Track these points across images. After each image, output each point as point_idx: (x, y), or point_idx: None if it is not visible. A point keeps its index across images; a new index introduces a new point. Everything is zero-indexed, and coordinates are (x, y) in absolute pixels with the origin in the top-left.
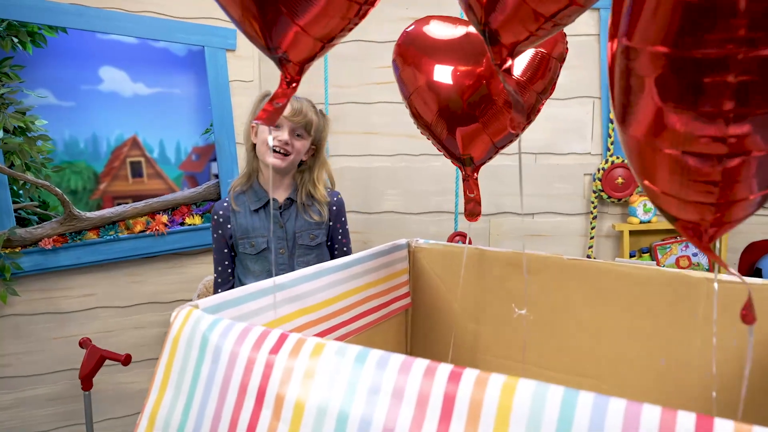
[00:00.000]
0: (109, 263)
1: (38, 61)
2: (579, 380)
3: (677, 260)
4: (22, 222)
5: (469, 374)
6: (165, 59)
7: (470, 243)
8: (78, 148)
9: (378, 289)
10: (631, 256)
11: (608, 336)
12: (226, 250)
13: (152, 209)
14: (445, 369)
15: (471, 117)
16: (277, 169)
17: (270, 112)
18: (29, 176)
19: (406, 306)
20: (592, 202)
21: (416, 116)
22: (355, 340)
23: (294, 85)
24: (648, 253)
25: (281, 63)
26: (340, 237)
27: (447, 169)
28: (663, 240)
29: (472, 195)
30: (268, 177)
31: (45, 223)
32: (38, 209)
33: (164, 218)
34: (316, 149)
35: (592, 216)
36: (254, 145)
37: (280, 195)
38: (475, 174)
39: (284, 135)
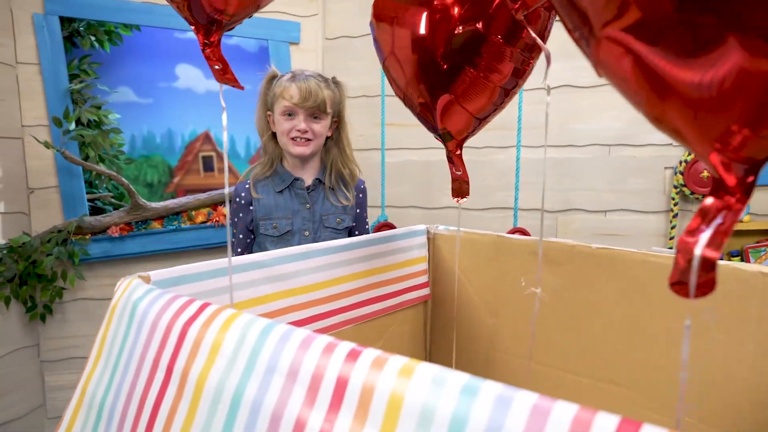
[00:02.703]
0: (171, 252)
1: (117, 59)
2: (608, 387)
3: None
4: (98, 211)
5: (368, 354)
6: (237, 55)
7: None
8: (155, 142)
9: (388, 276)
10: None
11: (642, 338)
12: (242, 236)
13: (214, 201)
14: (344, 347)
15: (443, 85)
16: (304, 157)
17: (219, 74)
18: (101, 167)
19: (424, 297)
20: (673, 199)
21: (392, 84)
22: (357, 329)
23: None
24: (738, 257)
25: (219, 24)
26: (364, 225)
27: (512, 162)
28: (757, 242)
29: (458, 173)
30: (293, 162)
31: (113, 211)
32: (113, 199)
33: (225, 210)
34: (338, 121)
35: (672, 214)
36: (273, 134)
37: (308, 176)
38: (458, 150)
39: (301, 124)
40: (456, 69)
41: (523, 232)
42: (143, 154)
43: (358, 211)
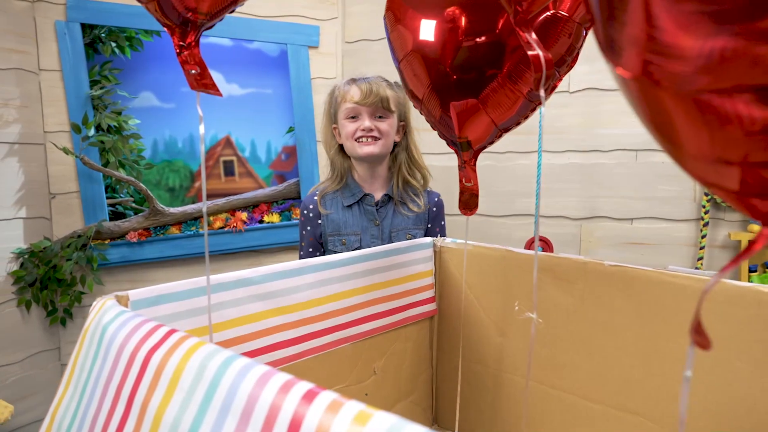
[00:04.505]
0: (189, 258)
1: (139, 64)
2: (620, 415)
3: None
4: (119, 216)
5: (324, 397)
6: (258, 60)
7: (552, 250)
8: (176, 147)
9: (391, 291)
10: (752, 271)
11: (658, 364)
12: (311, 249)
13: (233, 206)
14: (301, 387)
15: (467, 90)
16: (373, 156)
17: (195, 80)
18: (121, 173)
19: (430, 313)
20: (704, 206)
21: (407, 89)
22: (356, 347)
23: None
24: None
25: (193, 24)
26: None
27: (534, 168)
28: None
29: (469, 184)
30: (363, 173)
31: (132, 217)
32: (134, 204)
33: (243, 215)
34: (405, 125)
35: (702, 222)
36: (339, 147)
37: (377, 191)
38: (473, 160)
39: (365, 122)
40: (482, 73)
41: (544, 241)
42: (165, 158)
43: (429, 225)
